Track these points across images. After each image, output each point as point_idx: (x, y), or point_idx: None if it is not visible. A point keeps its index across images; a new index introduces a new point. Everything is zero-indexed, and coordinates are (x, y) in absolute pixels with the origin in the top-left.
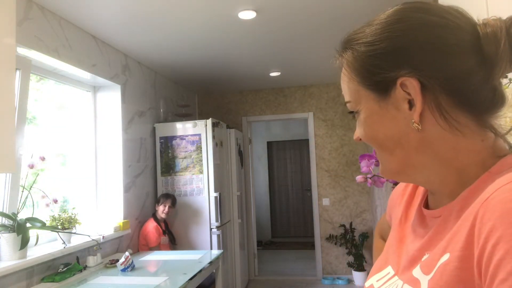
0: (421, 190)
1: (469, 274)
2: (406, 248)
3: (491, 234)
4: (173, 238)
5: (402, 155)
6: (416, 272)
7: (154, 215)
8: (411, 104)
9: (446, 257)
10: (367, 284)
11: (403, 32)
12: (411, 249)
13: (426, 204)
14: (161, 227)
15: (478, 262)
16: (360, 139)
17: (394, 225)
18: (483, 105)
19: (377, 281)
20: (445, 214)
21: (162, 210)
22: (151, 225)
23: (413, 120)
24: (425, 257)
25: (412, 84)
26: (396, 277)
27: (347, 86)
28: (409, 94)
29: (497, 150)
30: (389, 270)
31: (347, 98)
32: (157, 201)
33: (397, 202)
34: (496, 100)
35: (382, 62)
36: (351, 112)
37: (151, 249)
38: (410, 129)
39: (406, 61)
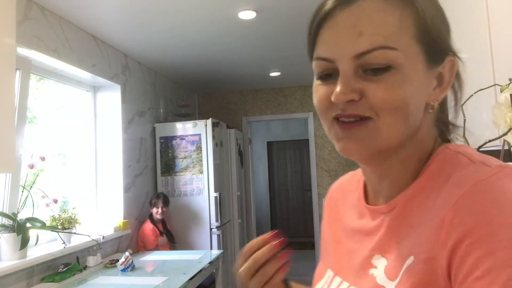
0: (351, 188)
1: (434, 276)
2: (350, 249)
3: (465, 236)
4: (171, 237)
5: (413, 128)
6: (381, 279)
7: (151, 217)
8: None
9: (410, 260)
10: None
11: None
12: (359, 249)
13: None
14: (158, 228)
15: (448, 263)
16: (351, 100)
17: (325, 228)
18: None
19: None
20: (399, 208)
21: (156, 211)
22: (147, 227)
23: (437, 100)
24: (377, 258)
25: (455, 65)
26: (339, 280)
27: (397, 31)
28: (440, 74)
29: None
30: (329, 273)
31: (390, 42)
32: (150, 204)
33: (327, 204)
34: None
35: (445, 31)
36: (376, 70)
37: (149, 250)
38: (422, 105)
39: (452, 43)
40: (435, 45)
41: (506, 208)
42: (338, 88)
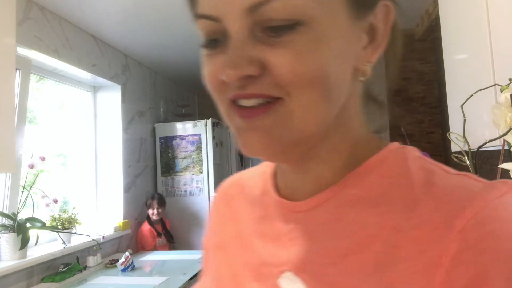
0: (252, 183)
1: None
2: (243, 260)
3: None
4: (171, 237)
5: (338, 106)
6: None
7: (148, 218)
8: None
9: None
10: None
11: None
12: (258, 260)
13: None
14: (156, 229)
15: None
16: (249, 75)
17: (210, 234)
18: None
19: None
20: (331, 209)
21: (151, 213)
22: (145, 229)
23: (369, 63)
24: (287, 277)
25: (392, 11)
26: None
27: None
28: (372, 25)
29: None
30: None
31: None
32: (146, 205)
33: (216, 205)
34: None
35: None
36: (278, 28)
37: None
38: (349, 72)
39: None
40: None
41: None
42: (227, 60)
